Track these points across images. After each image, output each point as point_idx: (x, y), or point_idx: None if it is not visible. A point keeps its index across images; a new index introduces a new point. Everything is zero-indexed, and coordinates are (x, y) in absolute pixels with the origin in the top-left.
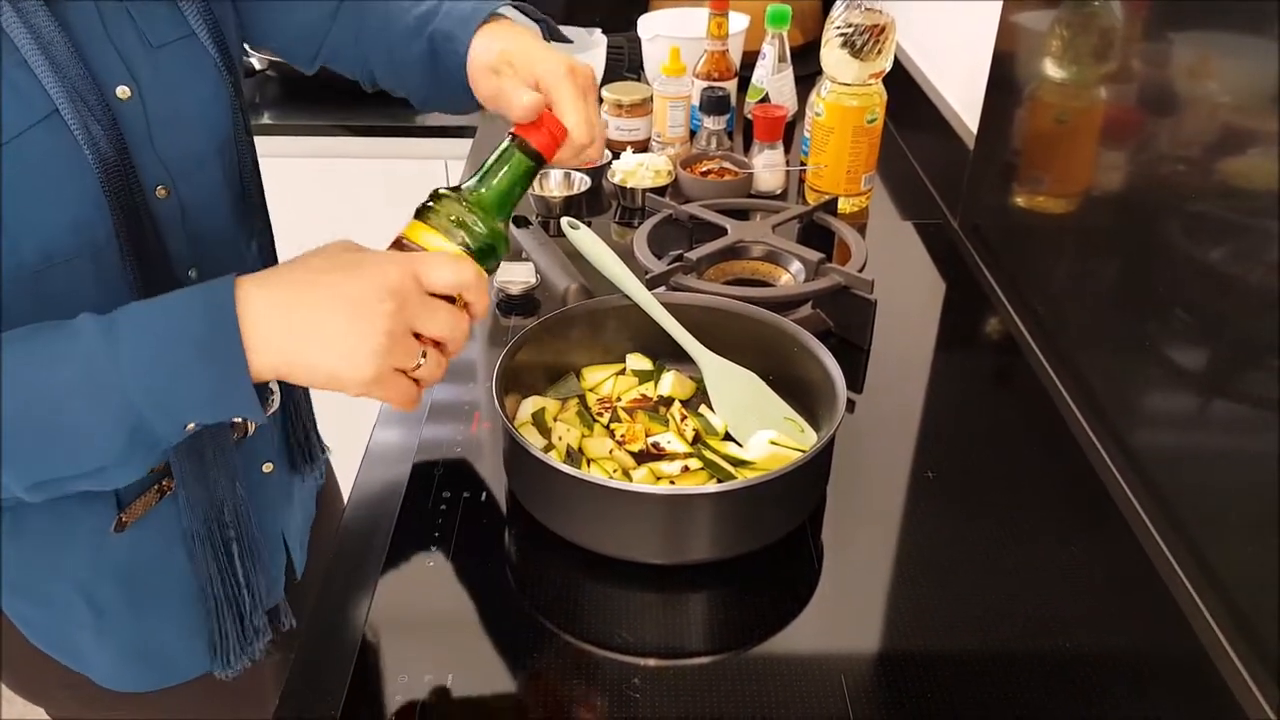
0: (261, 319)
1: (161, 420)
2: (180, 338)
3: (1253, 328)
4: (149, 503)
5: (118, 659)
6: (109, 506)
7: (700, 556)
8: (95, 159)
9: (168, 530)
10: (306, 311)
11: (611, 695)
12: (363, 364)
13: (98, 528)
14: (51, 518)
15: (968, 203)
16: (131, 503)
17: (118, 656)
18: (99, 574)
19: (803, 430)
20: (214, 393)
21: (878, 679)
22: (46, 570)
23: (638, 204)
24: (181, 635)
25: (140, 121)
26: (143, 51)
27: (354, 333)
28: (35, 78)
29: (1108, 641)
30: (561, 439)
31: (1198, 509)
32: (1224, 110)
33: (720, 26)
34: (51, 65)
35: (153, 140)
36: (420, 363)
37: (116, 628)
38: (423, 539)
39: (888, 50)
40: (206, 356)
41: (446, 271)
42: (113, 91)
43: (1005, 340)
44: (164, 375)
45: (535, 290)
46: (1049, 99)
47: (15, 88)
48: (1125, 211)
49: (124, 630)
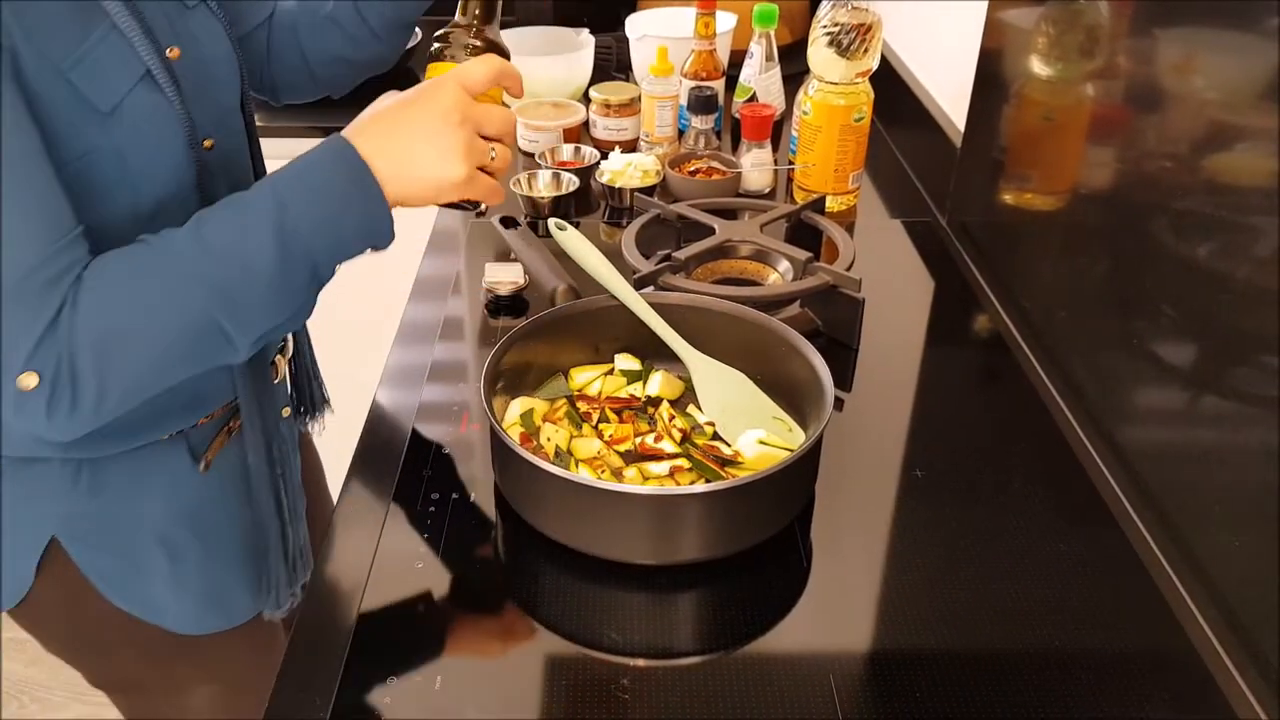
0: (375, 159)
1: (329, 259)
2: (331, 190)
3: (1239, 324)
4: (220, 445)
5: (189, 603)
6: (182, 453)
7: (689, 557)
8: (180, 115)
9: (228, 474)
10: (400, 146)
11: (600, 696)
12: (455, 170)
13: (174, 474)
14: (130, 470)
15: (955, 201)
16: (208, 446)
17: (189, 600)
18: (174, 521)
19: (791, 429)
20: (365, 225)
21: (866, 678)
22: (127, 522)
23: (626, 204)
24: (239, 577)
25: (188, 80)
26: (179, 14)
27: (440, 149)
28: (128, 41)
29: (1096, 638)
30: (550, 440)
31: (1185, 506)
32: (1210, 107)
33: (708, 26)
34: (141, 29)
35: (198, 97)
36: (492, 156)
37: (188, 572)
38: (412, 540)
39: (874, 49)
40: (355, 197)
41: (481, 70)
42: (165, 52)
43: (993, 338)
44: (328, 221)
45: (524, 291)
46: (1036, 97)
47: (116, 51)
48: (1112, 209)
49: (194, 574)
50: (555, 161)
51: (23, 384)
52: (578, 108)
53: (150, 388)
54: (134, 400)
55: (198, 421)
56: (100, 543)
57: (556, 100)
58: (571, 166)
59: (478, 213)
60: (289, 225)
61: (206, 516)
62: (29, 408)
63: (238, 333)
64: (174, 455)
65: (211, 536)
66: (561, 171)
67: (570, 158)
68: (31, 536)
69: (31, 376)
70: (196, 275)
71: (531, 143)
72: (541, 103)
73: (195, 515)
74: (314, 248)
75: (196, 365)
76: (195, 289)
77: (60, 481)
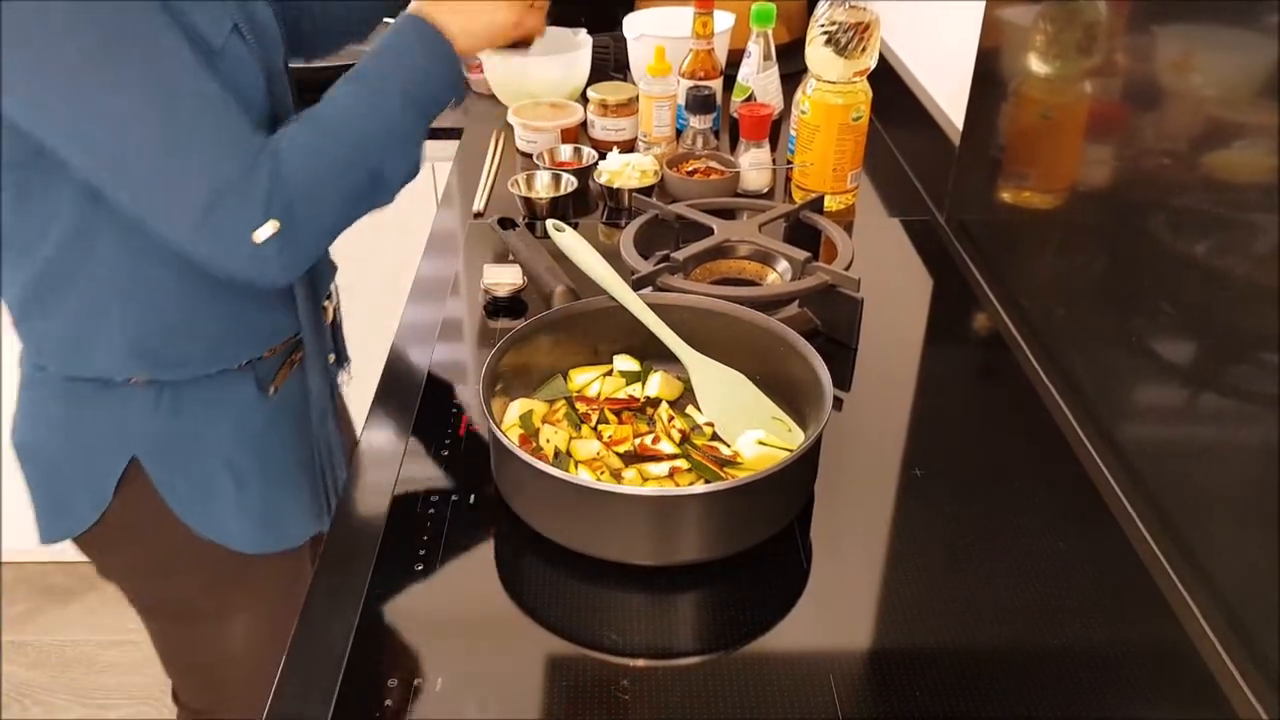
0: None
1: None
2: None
3: (1238, 321)
4: (284, 376)
5: (249, 524)
6: (250, 383)
7: (688, 557)
8: (259, 66)
9: (289, 405)
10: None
11: (600, 696)
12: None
13: (242, 402)
14: (204, 396)
15: (954, 199)
16: (275, 375)
17: (250, 521)
18: (241, 446)
19: (790, 430)
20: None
21: (866, 677)
22: (200, 445)
23: (624, 204)
24: (294, 501)
25: (254, 39)
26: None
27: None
28: None
29: (1095, 636)
30: (549, 441)
31: (1184, 503)
32: (1208, 104)
33: (705, 25)
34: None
35: (262, 55)
36: None
37: (251, 495)
38: (411, 542)
39: (872, 48)
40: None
41: None
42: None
43: (992, 336)
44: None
45: (522, 292)
46: (1034, 94)
47: (208, 9)
48: (1111, 206)
49: (256, 497)
50: (553, 162)
51: (258, 237)
52: (575, 108)
53: (340, 226)
54: (332, 238)
55: (264, 354)
56: (176, 464)
57: (554, 100)
58: (570, 167)
59: (482, 219)
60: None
61: (269, 443)
62: (265, 255)
63: (390, 174)
64: (243, 385)
65: (272, 462)
66: (560, 172)
67: (568, 158)
68: (115, 456)
69: (269, 226)
70: (357, 138)
71: (529, 143)
72: (539, 103)
73: (259, 441)
74: (421, 98)
75: (366, 205)
76: (360, 145)
77: (143, 405)
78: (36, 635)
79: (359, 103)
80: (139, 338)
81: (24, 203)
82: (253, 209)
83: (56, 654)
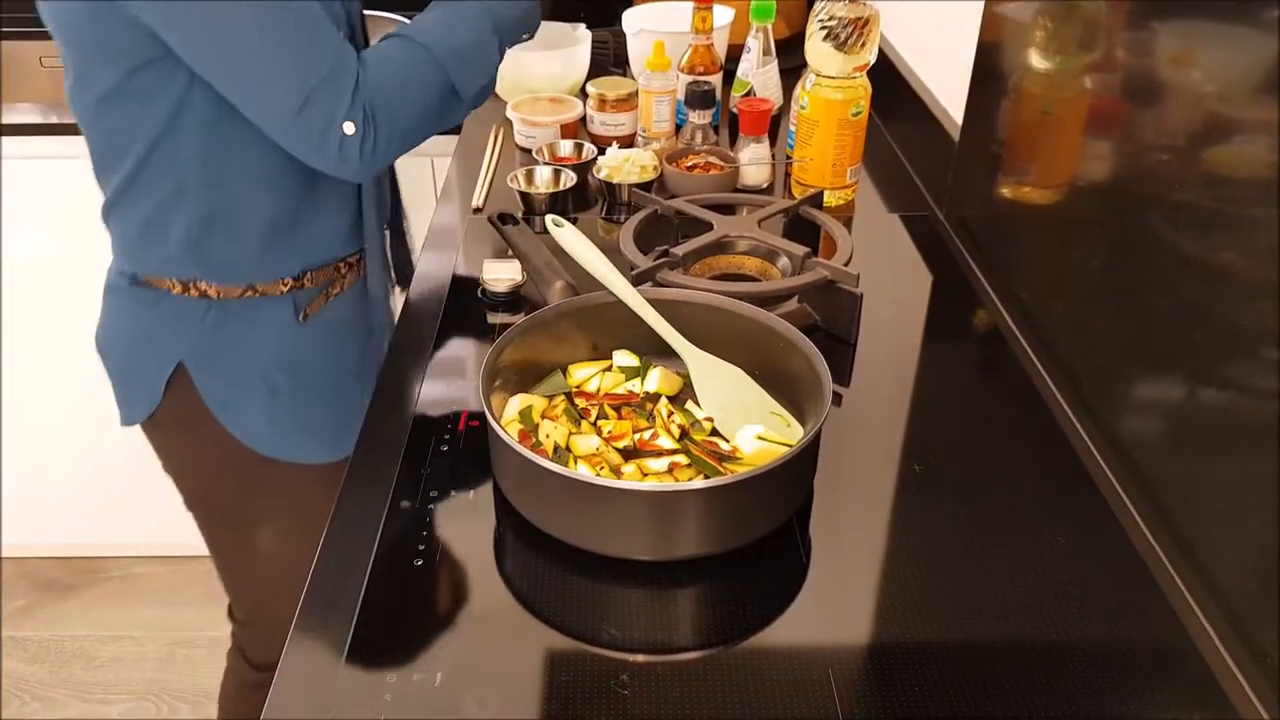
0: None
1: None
2: None
3: (1237, 316)
4: (319, 305)
5: (277, 432)
6: (288, 308)
7: (688, 552)
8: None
9: (323, 330)
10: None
11: (600, 691)
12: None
13: (279, 324)
14: (246, 315)
15: (953, 195)
16: (310, 303)
17: (278, 430)
18: (274, 362)
19: (789, 425)
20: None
21: (865, 672)
22: (238, 357)
23: (623, 199)
24: (324, 418)
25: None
26: None
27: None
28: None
29: (1094, 631)
30: (549, 436)
31: (1183, 498)
32: (1208, 99)
33: (705, 20)
34: None
35: None
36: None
37: (281, 406)
38: (411, 537)
39: (872, 43)
40: None
41: None
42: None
43: (991, 332)
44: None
45: (521, 288)
46: (1033, 90)
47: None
48: (1110, 202)
49: (286, 409)
50: (553, 157)
51: (346, 130)
52: (575, 103)
53: (416, 132)
54: (403, 148)
55: (304, 277)
56: (216, 371)
57: (553, 95)
58: (569, 162)
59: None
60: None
61: (301, 362)
62: (348, 149)
63: (463, 89)
64: (281, 308)
65: (303, 379)
66: (559, 167)
67: (568, 153)
68: (165, 358)
69: (351, 124)
70: (436, 51)
71: (529, 138)
72: (538, 98)
73: (292, 360)
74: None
75: (441, 120)
76: (437, 60)
77: (192, 316)
78: (35, 630)
79: (441, 21)
80: (197, 241)
81: (133, 103)
82: (340, 106)
83: (56, 649)
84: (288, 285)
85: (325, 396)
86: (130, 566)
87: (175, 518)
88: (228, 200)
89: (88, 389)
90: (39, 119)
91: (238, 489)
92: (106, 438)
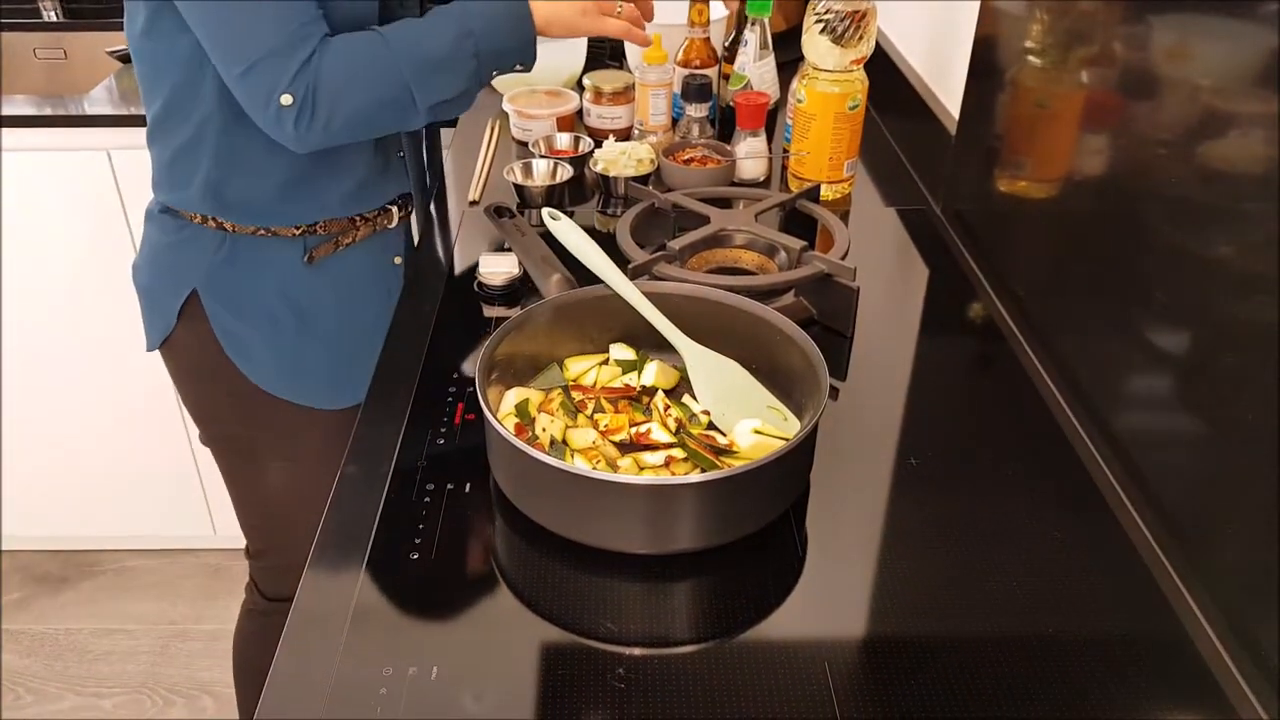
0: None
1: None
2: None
3: (1234, 311)
4: (327, 251)
5: (278, 365)
6: (298, 251)
7: (684, 546)
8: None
9: (331, 277)
10: None
11: (596, 685)
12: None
13: (287, 264)
14: (257, 252)
15: (950, 188)
16: (319, 247)
17: (278, 363)
18: (280, 300)
19: (786, 419)
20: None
21: (861, 665)
22: (247, 293)
23: (620, 193)
24: (326, 362)
25: None
26: None
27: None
28: None
29: (1091, 626)
30: (545, 430)
31: (1180, 493)
32: (1204, 93)
33: (701, 13)
34: None
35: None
36: (619, 12)
37: (284, 340)
38: (406, 531)
39: (869, 36)
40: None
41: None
42: None
43: (988, 326)
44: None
45: (517, 281)
46: (1030, 84)
47: None
48: (1107, 196)
49: (288, 347)
50: (549, 150)
51: (283, 101)
52: (571, 96)
53: (361, 125)
54: (347, 135)
55: (317, 225)
56: (225, 301)
57: (550, 88)
58: (566, 155)
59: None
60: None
61: (307, 304)
62: (284, 119)
63: (420, 99)
64: (291, 250)
65: (308, 321)
66: (555, 160)
67: (564, 146)
68: (180, 284)
69: (289, 96)
70: (399, 54)
71: (525, 131)
72: (535, 91)
73: (297, 300)
74: (482, 49)
75: (390, 120)
76: (398, 62)
77: (207, 246)
78: (29, 624)
79: (419, 28)
80: (216, 185)
81: (161, 42)
82: (281, 79)
83: (50, 642)
84: (300, 230)
85: (329, 344)
86: (125, 560)
87: (170, 511)
88: (245, 149)
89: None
90: (33, 110)
91: (242, 422)
92: (101, 431)
